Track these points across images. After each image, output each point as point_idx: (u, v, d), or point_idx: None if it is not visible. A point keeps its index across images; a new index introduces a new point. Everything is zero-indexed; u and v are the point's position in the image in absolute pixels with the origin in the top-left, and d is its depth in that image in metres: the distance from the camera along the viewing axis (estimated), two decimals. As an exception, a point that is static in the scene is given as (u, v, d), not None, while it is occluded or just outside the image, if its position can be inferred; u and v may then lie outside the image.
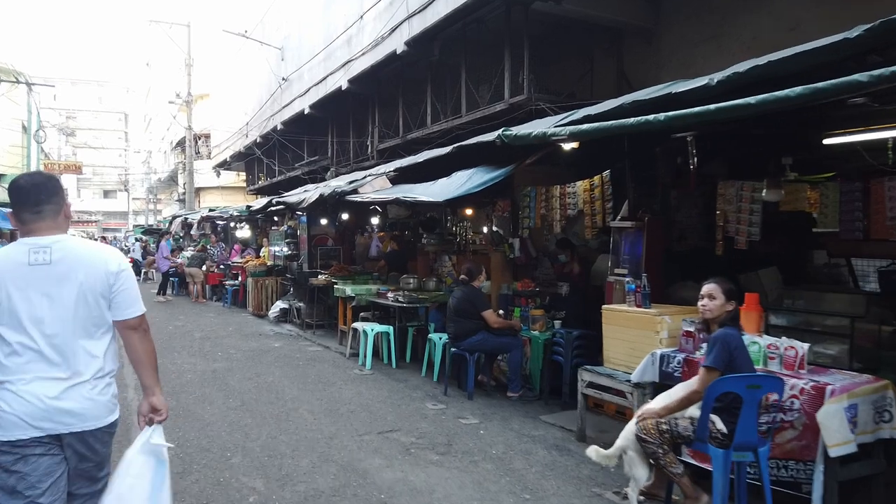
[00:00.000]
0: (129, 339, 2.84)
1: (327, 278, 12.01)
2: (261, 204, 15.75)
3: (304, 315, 12.44)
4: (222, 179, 36.51)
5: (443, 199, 7.44)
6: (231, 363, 9.33)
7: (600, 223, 7.42)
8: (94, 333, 2.69)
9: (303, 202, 11.88)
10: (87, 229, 65.97)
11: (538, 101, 11.31)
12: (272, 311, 13.54)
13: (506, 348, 7.40)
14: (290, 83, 22.65)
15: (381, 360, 9.40)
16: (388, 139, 16.62)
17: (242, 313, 15.28)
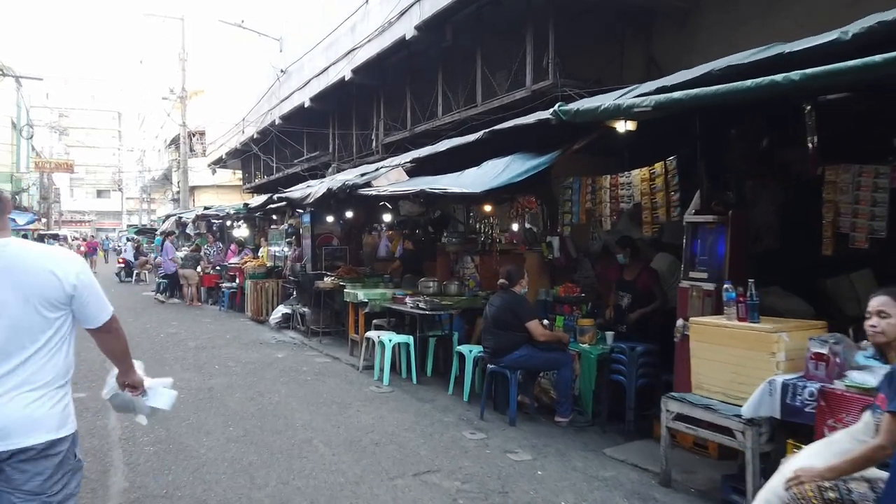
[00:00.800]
0: (101, 340, 2.80)
1: (334, 281, 10.84)
2: (259, 201, 14.56)
3: (309, 321, 11.26)
4: (218, 178, 35.32)
5: (480, 189, 6.30)
6: (230, 378, 8.15)
7: (663, 217, 6.28)
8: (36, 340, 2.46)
9: (308, 198, 10.71)
10: (81, 229, 64.61)
11: (564, 87, 10.20)
12: (273, 317, 12.35)
13: (554, 365, 6.26)
14: (288, 75, 21.47)
15: (398, 374, 8.25)
16: (394, 133, 15.47)
17: (240, 318, 14.08)
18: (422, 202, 10.79)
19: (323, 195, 10.15)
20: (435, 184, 7.45)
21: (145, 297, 18.46)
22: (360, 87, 16.34)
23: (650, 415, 5.88)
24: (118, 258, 25.43)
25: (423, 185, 7.33)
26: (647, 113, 4.57)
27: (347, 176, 10.93)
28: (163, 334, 11.68)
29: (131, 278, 23.49)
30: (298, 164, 21.80)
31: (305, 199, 10.81)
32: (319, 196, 10.23)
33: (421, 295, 8.85)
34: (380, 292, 9.41)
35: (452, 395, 7.33)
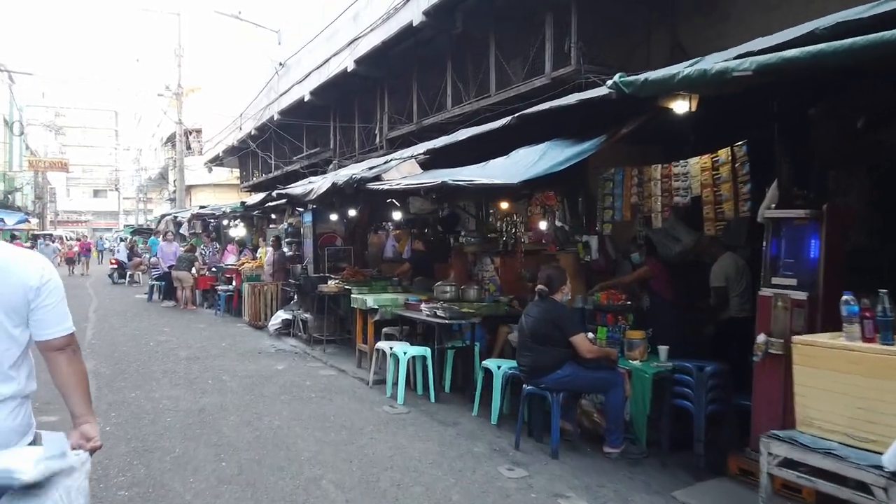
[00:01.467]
0: (54, 362, 2.31)
1: (339, 285, 9.86)
2: (257, 199, 13.58)
3: (312, 328, 10.28)
4: (214, 176, 34.35)
5: (517, 180, 5.32)
6: (224, 397, 7.16)
7: (730, 213, 5.31)
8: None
9: (310, 194, 9.72)
10: (77, 229, 63.47)
11: (588, 73, 9.25)
12: (272, 323, 11.36)
13: (602, 386, 5.29)
14: (287, 69, 20.49)
15: (413, 391, 7.29)
16: (399, 127, 14.49)
17: (237, 324, 13.08)
18: (434, 199, 9.81)
19: (327, 191, 9.18)
20: (457, 176, 6.48)
21: (137, 301, 17.45)
22: (363, 79, 15.39)
23: (720, 444, 4.94)
24: (111, 259, 24.41)
25: (444, 178, 6.35)
26: (747, 75, 3.58)
27: (353, 170, 9.96)
28: (152, 342, 10.67)
29: (125, 280, 22.46)
30: (298, 161, 20.81)
31: (307, 196, 9.83)
32: (323, 192, 9.25)
33: (437, 301, 7.89)
34: (390, 298, 8.44)
35: (478, 418, 6.36)
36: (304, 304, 10.83)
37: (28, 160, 40.37)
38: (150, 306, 16.12)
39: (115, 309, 15.41)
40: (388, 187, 7.68)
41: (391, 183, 7.73)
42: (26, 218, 32.39)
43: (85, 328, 12.12)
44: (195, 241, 20.72)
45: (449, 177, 6.47)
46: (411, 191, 8.93)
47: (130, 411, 6.50)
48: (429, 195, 8.90)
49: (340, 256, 12.09)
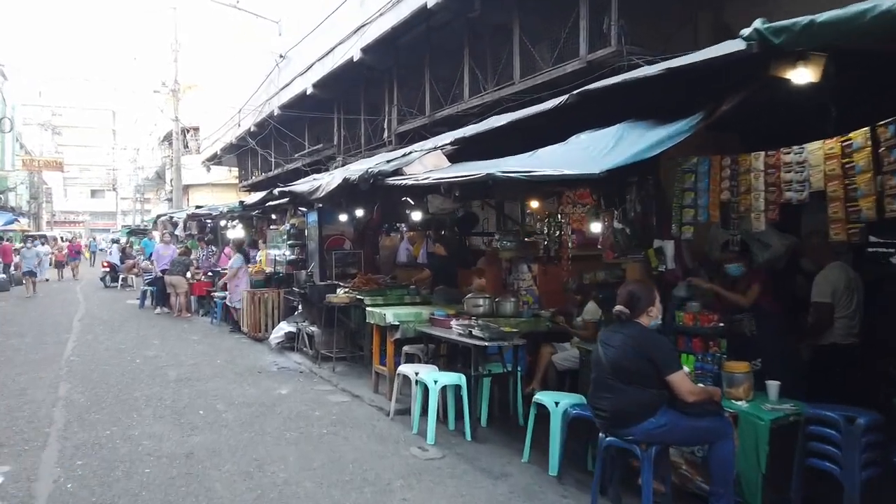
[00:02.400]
0: None
1: (350, 295, 8.58)
2: (257, 197, 12.29)
3: (319, 344, 8.99)
4: (213, 176, 33.02)
5: (598, 169, 4.03)
6: (217, 434, 5.87)
7: (870, 212, 4.04)
8: None
9: (317, 191, 8.43)
10: (74, 230, 62.02)
11: (631, 55, 8.02)
12: (274, 336, 10.06)
13: (708, 437, 4.02)
14: (288, 61, 19.20)
15: (443, 423, 6.04)
16: (409, 120, 13.22)
17: (235, 335, 11.78)
18: (456, 197, 8.53)
19: (337, 188, 7.89)
20: (502, 167, 5.19)
21: (128, 307, 16.13)
22: (370, 70, 14.13)
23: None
24: (103, 262, 23.07)
25: (488, 169, 5.06)
26: None
27: (364, 165, 8.67)
28: (139, 359, 9.37)
29: (117, 283, 21.13)
30: (299, 158, 19.52)
31: (314, 194, 8.54)
32: (332, 189, 7.96)
33: (469, 316, 6.62)
34: (413, 312, 7.16)
35: (530, 465, 5.09)
36: (309, 315, 9.55)
37: (22, 159, 38.98)
38: (142, 314, 14.81)
39: (102, 317, 14.10)
40: (412, 182, 6.40)
41: (416, 177, 6.46)
42: (15, 219, 31.01)
43: (66, 340, 10.82)
44: (191, 243, 19.42)
45: (493, 168, 5.18)
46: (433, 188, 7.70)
47: (101, 458, 5.20)
48: (450, 193, 7.63)
49: (349, 261, 10.82)
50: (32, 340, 10.87)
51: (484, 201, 12.46)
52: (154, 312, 14.77)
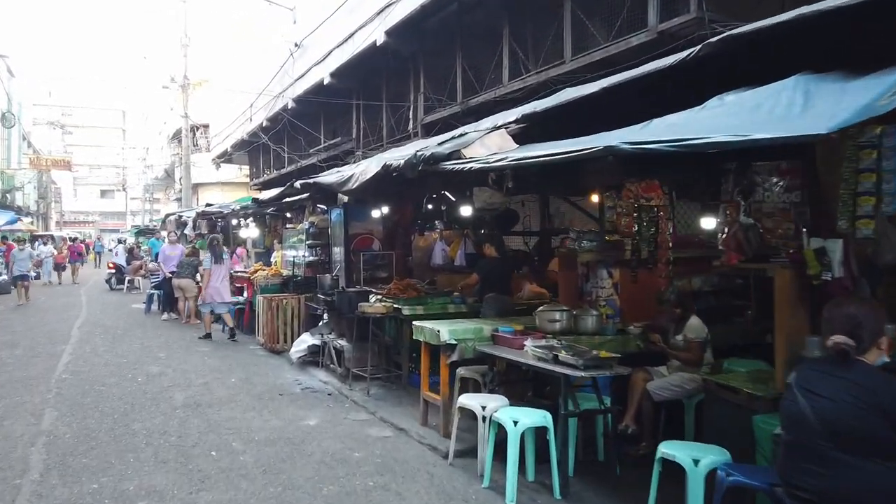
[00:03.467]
0: None
1: (386, 304, 7.21)
2: (274, 193, 10.95)
3: (349, 360, 7.62)
4: (223, 174, 31.78)
5: (825, 130, 2.61)
6: (235, 489, 4.49)
7: None
8: None
9: (349, 182, 7.05)
10: (84, 230, 60.90)
11: (713, 22, 6.64)
12: (296, 349, 8.68)
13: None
14: (304, 50, 17.83)
15: (519, 470, 4.63)
16: (437, 109, 11.86)
17: (249, 346, 10.43)
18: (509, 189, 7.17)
19: (374, 177, 6.51)
20: (607, 140, 3.79)
21: (133, 312, 14.81)
22: (394, 56, 12.80)
23: None
24: (108, 263, 21.74)
25: (607, 142, 3.65)
26: None
27: (404, 151, 7.29)
28: (141, 377, 8.02)
29: (123, 286, 19.82)
30: (315, 153, 18.18)
31: (345, 185, 7.15)
32: (369, 179, 6.59)
33: (545, 334, 5.25)
34: (471, 328, 5.76)
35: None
36: (337, 326, 8.17)
37: (29, 158, 37.83)
38: (147, 320, 13.47)
39: (104, 323, 12.77)
40: (480, 165, 5.01)
41: (484, 160, 5.07)
42: (17, 218, 29.75)
43: (61, 353, 9.48)
44: (199, 243, 18.09)
45: (599, 142, 3.78)
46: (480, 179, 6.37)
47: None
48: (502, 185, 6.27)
49: (379, 263, 9.46)
50: (23, 353, 9.53)
51: (525, 197, 11.15)
52: (161, 318, 13.43)
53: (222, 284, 11.02)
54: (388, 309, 7.18)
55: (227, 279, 11.29)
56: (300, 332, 9.60)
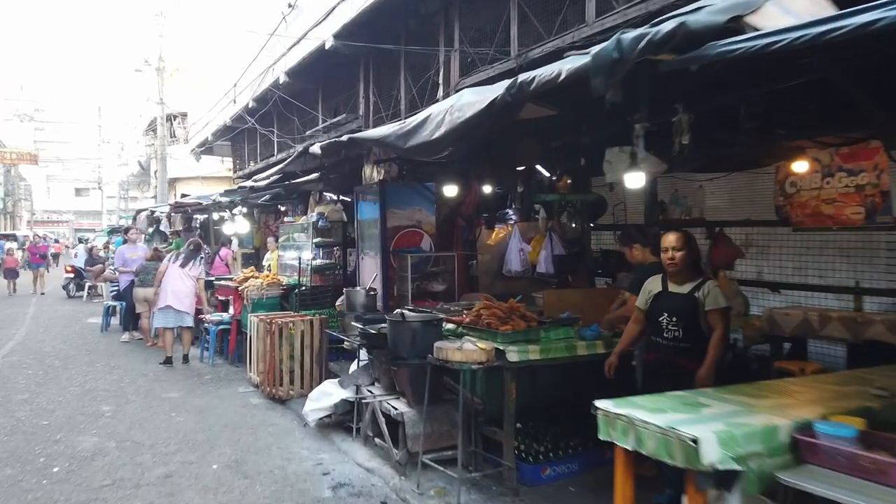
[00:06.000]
0: None
1: (485, 344, 3.98)
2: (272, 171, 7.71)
3: (414, 438, 4.33)
4: (203, 167, 28.09)
5: None
6: None
7: None
8: None
9: (420, 130, 3.78)
10: (58, 229, 56.49)
11: None
12: (314, 407, 5.33)
13: None
14: (299, 12, 14.50)
15: None
16: (477, 69, 8.67)
17: (238, 387, 7.10)
18: (683, 148, 4.06)
19: (478, 118, 3.26)
20: None
21: (87, 329, 11.34)
22: (417, 7, 9.65)
23: None
24: (66, 266, 18.08)
25: None
26: None
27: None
28: (60, 464, 4.68)
29: (83, 293, 16.26)
30: (312, 136, 14.78)
31: (414, 136, 3.89)
32: (470, 119, 3.34)
33: None
34: (756, 429, 2.52)
35: None
36: (384, 375, 4.86)
37: (-8, 152, 33.84)
38: (101, 342, 10.04)
39: (42, 349, 9.33)
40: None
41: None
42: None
43: (-47, 406, 6.10)
44: (177, 242, 14.63)
45: None
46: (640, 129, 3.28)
47: None
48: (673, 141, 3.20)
49: (432, 271, 6.19)
50: None
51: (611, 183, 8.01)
52: (120, 339, 10.01)
53: (180, 285, 7.96)
54: (490, 356, 3.96)
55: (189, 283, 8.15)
56: (315, 372, 6.34)
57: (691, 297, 3.67)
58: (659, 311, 3.78)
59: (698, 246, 3.96)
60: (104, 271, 15.00)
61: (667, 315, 3.73)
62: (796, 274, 6.14)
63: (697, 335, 3.62)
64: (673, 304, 3.73)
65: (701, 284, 3.69)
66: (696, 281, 3.72)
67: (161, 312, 8.21)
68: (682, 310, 3.68)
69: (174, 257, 8.47)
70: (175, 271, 8.20)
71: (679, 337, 3.68)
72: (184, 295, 8.18)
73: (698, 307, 3.62)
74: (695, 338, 3.62)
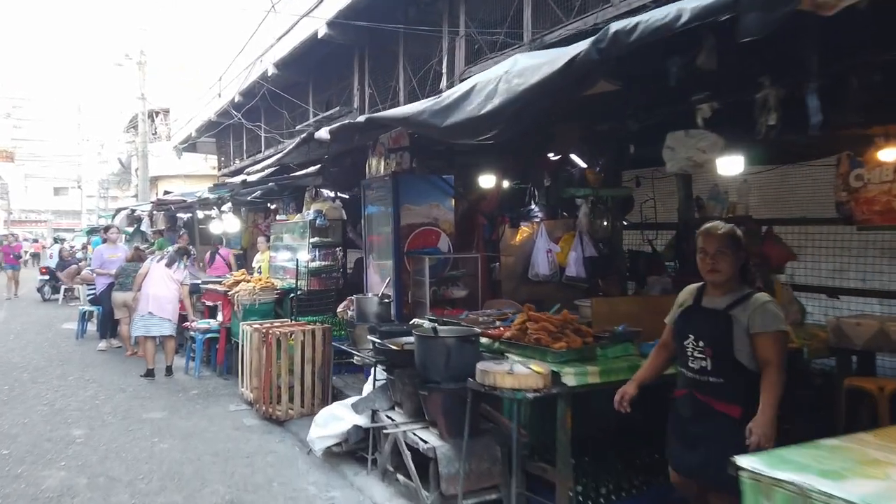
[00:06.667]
0: None
1: (539, 365, 3.23)
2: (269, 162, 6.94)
3: (451, 478, 3.56)
4: (185, 165, 27.06)
5: None
6: None
7: None
8: None
9: (463, 104, 3.01)
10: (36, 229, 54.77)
11: None
12: (321, 433, 4.54)
13: None
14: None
15: None
16: (486, 56, 7.93)
17: (229, 404, 6.29)
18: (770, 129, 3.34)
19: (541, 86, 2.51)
20: None
21: (61, 336, 10.42)
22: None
23: None
24: (40, 267, 17.03)
25: None
26: None
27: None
28: (26, 500, 3.85)
29: (59, 295, 15.26)
30: (303, 130, 13.93)
31: (456, 111, 3.13)
32: (534, 86, 2.59)
33: None
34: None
35: None
36: (409, 400, 4.08)
37: (-36, 148, 32.42)
38: (77, 350, 9.15)
39: (11, 358, 8.43)
40: None
41: None
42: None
43: None
44: (159, 242, 13.72)
45: None
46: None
47: None
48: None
49: (450, 277, 5.43)
50: None
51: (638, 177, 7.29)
52: (97, 348, 9.13)
53: (163, 289, 7.14)
54: (548, 381, 3.21)
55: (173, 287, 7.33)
56: (317, 388, 5.55)
57: (725, 316, 2.70)
58: (684, 333, 2.84)
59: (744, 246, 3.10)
60: (80, 272, 14.03)
61: (693, 338, 2.78)
62: (856, 278, 5.48)
63: (733, 367, 2.67)
64: (701, 323, 2.79)
65: (744, 299, 2.72)
66: (737, 293, 2.75)
67: (141, 319, 7.37)
68: (712, 332, 2.72)
69: (157, 258, 7.65)
70: (158, 273, 7.37)
71: (707, 368, 2.73)
72: (166, 300, 7.35)
73: (734, 329, 2.67)
74: (730, 370, 2.68)
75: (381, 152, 6.22)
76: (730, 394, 2.66)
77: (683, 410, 2.82)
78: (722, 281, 2.77)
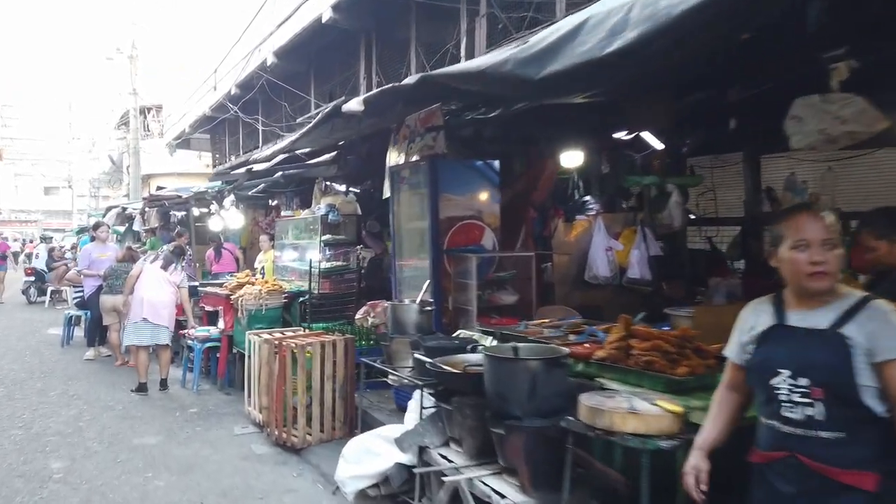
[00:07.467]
0: None
1: (670, 402, 2.36)
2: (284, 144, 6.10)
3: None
4: (178, 163, 26.02)
5: None
6: None
7: None
8: None
9: (581, 33, 2.12)
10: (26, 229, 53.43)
11: None
12: (352, 472, 3.67)
13: None
14: (290, -17, 12.71)
15: None
16: (511, 36, 7.06)
17: (234, 425, 5.38)
18: None
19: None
20: None
21: (46, 342, 9.44)
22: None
23: None
24: (26, 268, 15.99)
25: None
26: None
27: None
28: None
29: (45, 298, 14.23)
30: (303, 123, 13.01)
31: (556, 59, 2.26)
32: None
33: None
34: None
35: None
36: (467, 435, 3.20)
37: (-49, 146, 31.23)
38: (62, 358, 8.21)
39: (-14, 370, 7.47)
40: None
41: None
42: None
43: None
44: (151, 241, 12.78)
45: None
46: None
47: None
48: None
49: (497, 280, 4.54)
50: None
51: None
52: (83, 357, 8.18)
53: (158, 293, 6.22)
54: (681, 423, 2.34)
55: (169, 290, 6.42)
56: (339, 411, 4.66)
57: (837, 337, 1.80)
58: (769, 367, 1.91)
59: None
60: (68, 272, 13.02)
61: (787, 374, 1.86)
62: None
63: (859, 413, 1.77)
64: (798, 350, 1.86)
65: (855, 309, 1.82)
66: (843, 302, 1.85)
67: (134, 327, 6.45)
68: (823, 362, 1.81)
69: (150, 258, 6.73)
70: (152, 276, 6.46)
71: (816, 418, 1.80)
72: (162, 306, 6.44)
73: (853, 356, 1.77)
74: (854, 419, 1.78)
75: (405, 136, 5.35)
76: (858, 455, 1.77)
77: (782, 484, 1.87)
78: (831, 287, 1.86)
